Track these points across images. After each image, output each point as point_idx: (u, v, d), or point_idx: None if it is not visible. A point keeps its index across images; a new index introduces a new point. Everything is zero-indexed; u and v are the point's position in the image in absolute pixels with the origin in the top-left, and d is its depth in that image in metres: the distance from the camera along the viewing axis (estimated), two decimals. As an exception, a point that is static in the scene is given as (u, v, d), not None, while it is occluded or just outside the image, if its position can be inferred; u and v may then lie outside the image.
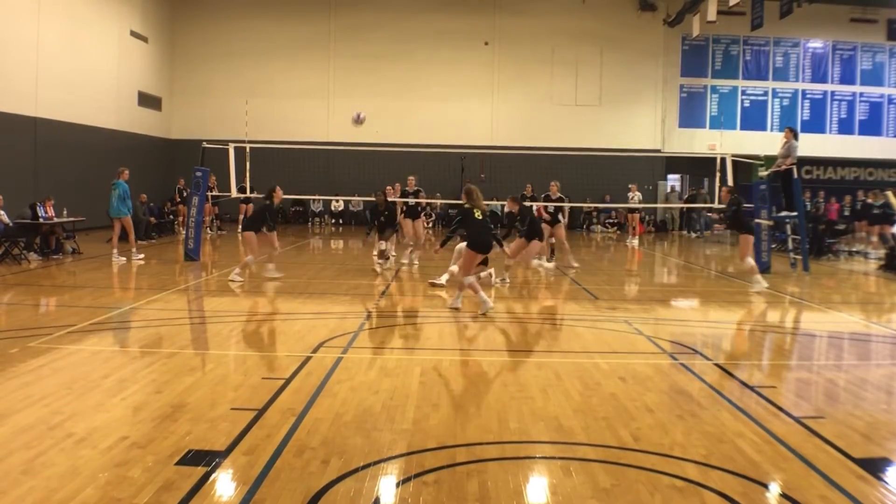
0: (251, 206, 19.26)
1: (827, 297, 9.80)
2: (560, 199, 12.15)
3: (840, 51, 23.23)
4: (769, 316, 8.53)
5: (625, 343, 6.65)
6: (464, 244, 8.05)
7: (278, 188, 10.00)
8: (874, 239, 15.40)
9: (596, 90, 22.63)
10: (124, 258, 11.54)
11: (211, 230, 17.58)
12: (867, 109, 23.34)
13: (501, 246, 8.07)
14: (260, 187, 16.58)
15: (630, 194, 18.11)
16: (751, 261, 9.94)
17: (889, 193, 15.36)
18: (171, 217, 18.24)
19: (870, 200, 16.01)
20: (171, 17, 22.15)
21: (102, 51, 18.28)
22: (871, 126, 23.28)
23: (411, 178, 12.45)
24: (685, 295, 9.69)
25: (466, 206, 7.75)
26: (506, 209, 10.63)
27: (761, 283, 9.68)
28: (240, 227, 18.92)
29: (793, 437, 3.95)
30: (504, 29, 22.58)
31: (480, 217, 7.69)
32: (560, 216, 12.07)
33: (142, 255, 11.82)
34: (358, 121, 21.27)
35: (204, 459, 3.47)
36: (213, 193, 15.87)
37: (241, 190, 14.21)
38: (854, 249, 15.84)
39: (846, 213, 18.12)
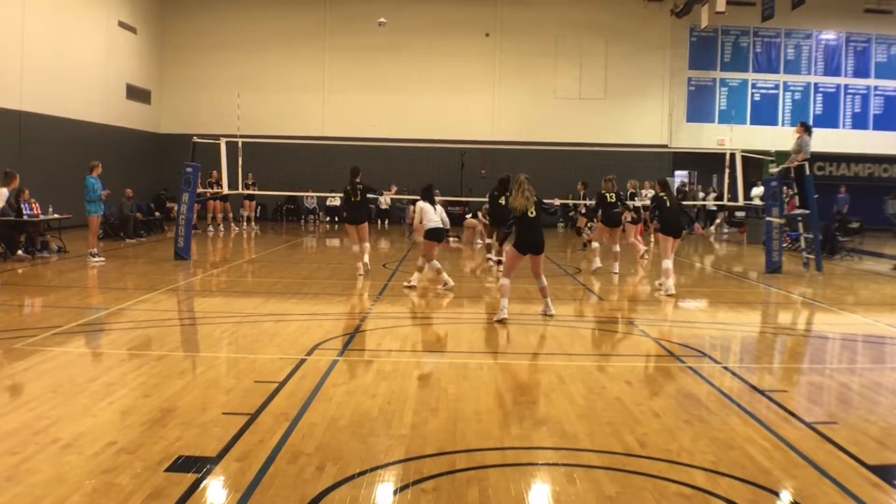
0: (254, 202, 19.23)
1: (840, 297, 9.64)
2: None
3: (854, 43, 22.87)
4: (780, 318, 8.42)
5: (630, 345, 6.57)
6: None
7: None
8: None
9: (601, 83, 22.38)
10: (102, 258, 11.08)
11: (213, 228, 17.44)
12: (882, 103, 22.98)
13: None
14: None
15: (643, 191, 17.95)
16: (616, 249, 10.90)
17: None
18: (158, 214, 18.00)
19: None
20: (161, 7, 21.89)
21: (89, 42, 18.06)
22: (887, 120, 22.93)
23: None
24: (692, 295, 9.55)
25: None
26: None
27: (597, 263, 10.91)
28: (244, 223, 19.05)
29: (805, 443, 3.89)
30: (506, 19, 22.31)
31: (533, 214, 7.01)
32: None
33: (101, 259, 11.07)
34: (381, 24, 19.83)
35: (194, 466, 3.42)
36: (213, 191, 15.68)
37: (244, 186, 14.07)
38: (868, 249, 15.59)
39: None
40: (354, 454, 3.60)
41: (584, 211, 15.11)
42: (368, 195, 10.30)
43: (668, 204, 9.10)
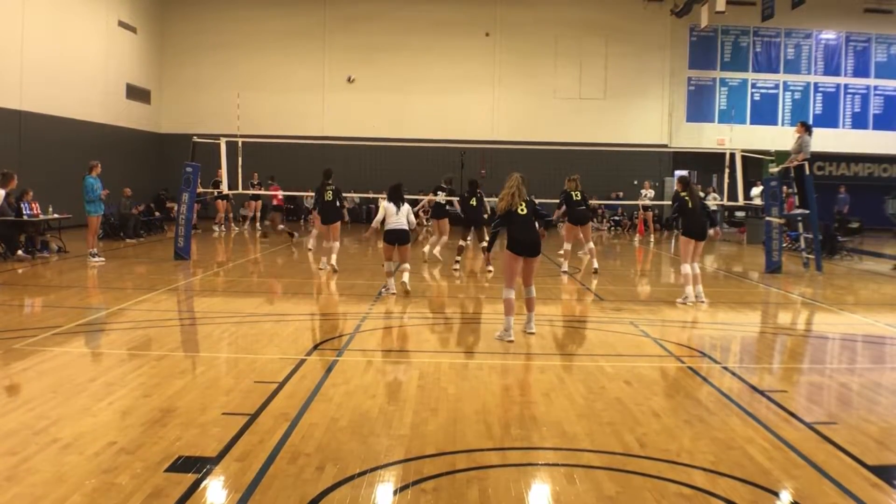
0: (259, 202, 19.17)
1: (840, 297, 9.62)
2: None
3: (854, 42, 22.84)
4: (780, 318, 8.40)
5: (630, 345, 6.52)
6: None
7: None
8: None
9: (601, 83, 22.35)
10: (102, 258, 11.10)
11: (217, 228, 17.41)
12: (882, 103, 22.95)
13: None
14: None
15: (643, 191, 17.91)
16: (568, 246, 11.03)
17: None
18: (158, 214, 17.93)
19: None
20: (161, 6, 21.85)
21: (89, 42, 18.01)
22: (887, 120, 22.90)
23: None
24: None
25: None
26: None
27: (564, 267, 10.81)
28: (246, 224, 18.98)
29: (804, 444, 3.88)
30: (506, 19, 22.25)
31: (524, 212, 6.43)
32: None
33: (101, 259, 11.08)
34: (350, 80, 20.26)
35: (194, 466, 3.41)
36: (218, 190, 15.64)
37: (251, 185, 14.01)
38: (868, 249, 15.58)
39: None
40: (354, 454, 3.58)
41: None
42: (338, 198, 10.56)
43: (690, 205, 8.36)
